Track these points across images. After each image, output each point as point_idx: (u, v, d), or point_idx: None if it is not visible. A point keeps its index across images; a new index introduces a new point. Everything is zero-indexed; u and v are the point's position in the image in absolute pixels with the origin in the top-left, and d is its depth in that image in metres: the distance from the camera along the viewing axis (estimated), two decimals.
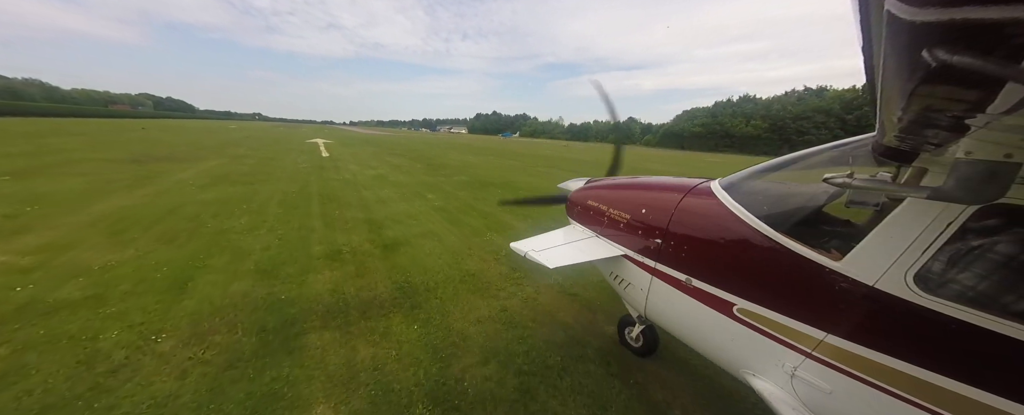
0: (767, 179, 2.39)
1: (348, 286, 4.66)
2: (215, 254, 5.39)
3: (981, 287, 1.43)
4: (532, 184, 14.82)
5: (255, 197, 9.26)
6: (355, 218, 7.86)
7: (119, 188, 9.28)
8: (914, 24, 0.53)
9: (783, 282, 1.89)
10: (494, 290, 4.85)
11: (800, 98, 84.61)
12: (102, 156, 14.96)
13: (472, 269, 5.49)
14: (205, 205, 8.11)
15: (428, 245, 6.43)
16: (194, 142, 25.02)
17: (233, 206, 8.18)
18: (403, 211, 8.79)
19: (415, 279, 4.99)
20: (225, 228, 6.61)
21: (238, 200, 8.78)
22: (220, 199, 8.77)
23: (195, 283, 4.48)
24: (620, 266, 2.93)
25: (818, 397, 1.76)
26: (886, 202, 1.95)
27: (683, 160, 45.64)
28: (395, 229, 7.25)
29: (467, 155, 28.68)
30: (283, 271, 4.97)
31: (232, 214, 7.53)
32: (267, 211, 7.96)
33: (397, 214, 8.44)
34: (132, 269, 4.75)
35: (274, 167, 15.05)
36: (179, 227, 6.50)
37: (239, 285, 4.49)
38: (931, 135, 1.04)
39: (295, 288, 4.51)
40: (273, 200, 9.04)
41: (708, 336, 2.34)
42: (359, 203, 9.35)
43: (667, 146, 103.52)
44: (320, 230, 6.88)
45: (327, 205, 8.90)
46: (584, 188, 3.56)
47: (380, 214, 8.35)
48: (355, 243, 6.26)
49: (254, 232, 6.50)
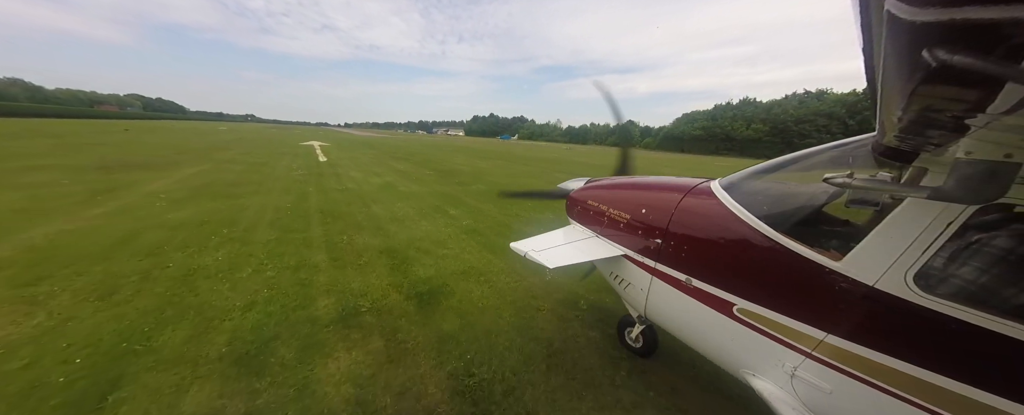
0: (767, 179, 2.36)
1: (379, 390, 2.87)
2: (169, 322, 3.56)
3: (981, 287, 1.41)
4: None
5: (240, 216, 7.41)
6: (369, 247, 6.06)
7: (67, 205, 7.38)
8: (914, 24, 0.53)
9: (783, 282, 1.87)
10: (605, 381, 3.10)
11: (801, 101, 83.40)
12: (66, 162, 12.98)
13: (551, 335, 3.73)
14: (173, 230, 6.25)
15: (475, 292, 4.66)
16: (178, 145, 22.93)
17: (210, 231, 6.34)
18: (427, 234, 7.00)
19: (480, 366, 3.21)
20: (193, 268, 4.78)
21: (218, 221, 6.93)
22: (195, 220, 6.92)
23: (122, 396, 2.66)
24: (620, 266, 2.90)
25: (818, 397, 1.73)
26: (886, 202, 1.90)
27: (695, 164, 44.29)
28: (424, 264, 5.47)
29: (474, 159, 26.89)
30: (273, 357, 3.15)
31: (206, 244, 5.69)
32: (254, 238, 6.13)
33: (420, 239, 6.65)
34: (19, 365, 2.90)
35: (265, 175, 13.15)
36: (127, 268, 4.65)
37: (196, 397, 2.68)
38: (931, 135, 1.04)
39: (292, 403, 2.70)
40: (263, 220, 7.21)
41: (708, 336, 2.30)
42: (371, 223, 7.55)
43: (667, 149, 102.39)
44: (325, 269, 5.07)
45: (331, 226, 7.09)
46: (584, 188, 3.50)
47: (400, 239, 6.56)
48: (376, 291, 4.47)
49: (234, 275, 4.68)
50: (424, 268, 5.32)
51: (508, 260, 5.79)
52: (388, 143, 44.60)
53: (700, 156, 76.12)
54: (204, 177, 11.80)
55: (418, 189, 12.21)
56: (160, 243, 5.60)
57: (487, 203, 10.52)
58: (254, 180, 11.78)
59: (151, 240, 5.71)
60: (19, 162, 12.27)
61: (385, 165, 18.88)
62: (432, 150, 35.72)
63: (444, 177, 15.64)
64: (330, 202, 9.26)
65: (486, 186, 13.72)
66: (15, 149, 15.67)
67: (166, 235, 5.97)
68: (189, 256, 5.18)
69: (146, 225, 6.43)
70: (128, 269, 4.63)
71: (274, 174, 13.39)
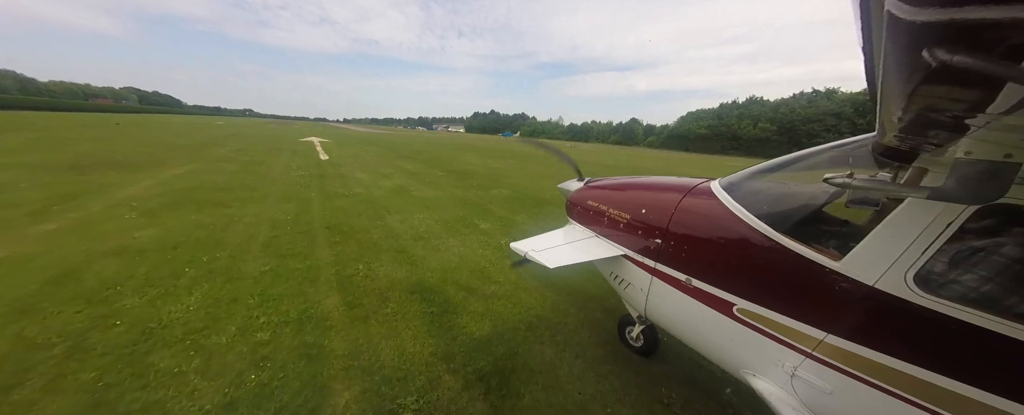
0: (767, 179, 2.34)
1: None
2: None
3: (981, 287, 1.40)
4: None
5: (227, 234, 5.92)
6: (395, 282, 4.60)
7: (11, 218, 5.88)
8: (914, 24, 0.52)
9: (783, 282, 1.85)
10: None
11: (810, 100, 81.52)
12: (37, 160, 11.45)
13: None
14: (136, 257, 4.77)
15: (562, 368, 3.21)
16: (168, 141, 21.30)
17: (186, 257, 4.86)
18: (463, 259, 5.54)
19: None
20: (150, 328, 3.31)
21: (197, 243, 5.45)
22: (168, 240, 5.43)
23: None
24: (620, 266, 2.86)
25: (818, 397, 1.72)
26: (886, 202, 1.89)
27: (709, 165, 42.87)
28: (474, 311, 4.01)
29: (486, 159, 25.33)
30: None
31: (177, 281, 4.22)
32: (242, 269, 4.66)
33: (456, 267, 5.19)
34: None
35: (261, 176, 11.64)
36: (51, 331, 3.18)
37: None
38: (931, 135, 1.03)
39: None
40: (255, 240, 5.72)
41: (708, 336, 2.27)
42: (390, 242, 6.08)
43: (671, 148, 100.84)
44: (340, 323, 3.61)
45: (342, 248, 5.62)
46: (584, 188, 3.46)
47: (432, 269, 5.09)
48: (418, 370, 3.02)
49: (209, 339, 3.21)
50: (475, 320, 3.86)
51: (585, 308, 4.33)
52: (390, 140, 42.91)
53: (708, 156, 74.60)
54: (191, 179, 10.28)
55: (435, 194, 10.73)
56: (113, 280, 4.12)
57: (519, 213, 9.06)
58: (248, 183, 10.27)
59: (102, 275, 4.23)
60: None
61: (392, 165, 17.36)
62: (437, 148, 34.16)
63: (459, 179, 14.15)
64: (337, 212, 7.77)
65: (508, 190, 12.25)
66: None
67: (125, 266, 4.49)
68: (149, 303, 3.71)
69: (103, 249, 4.94)
70: (53, 332, 3.16)
71: (271, 175, 11.88)
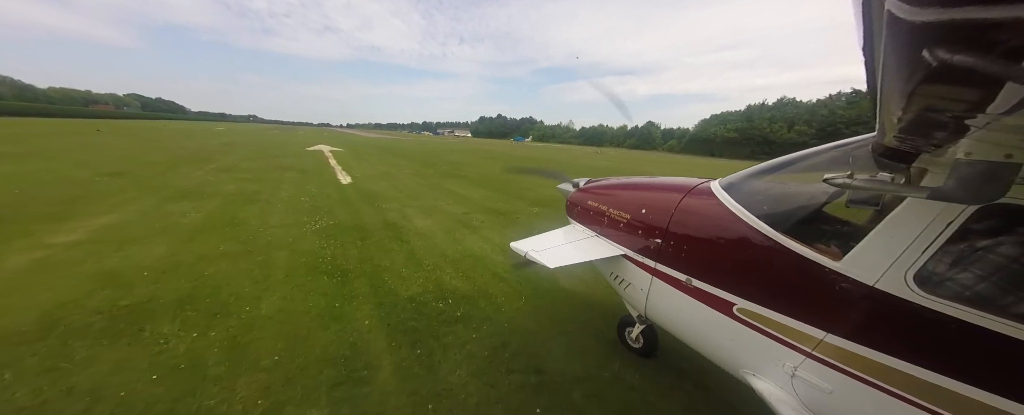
0: (767, 179, 2.34)
1: None
2: None
3: (981, 287, 1.39)
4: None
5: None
6: None
7: None
8: (914, 24, 0.52)
9: (783, 282, 1.85)
10: None
11: (850, 102, 76.41)
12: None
13: None
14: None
15: None
16: (136, 156, 16.29)
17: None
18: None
19: None
20: None
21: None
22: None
23: None
24: (620, 266, 2.86)
25: (818, 397, 1.72)
26: (886, 202, 1.89)
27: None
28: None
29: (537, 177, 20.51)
30: None
31: None
32: None
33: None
34: None
35: (253, 229, 6.89)
36: None
37: None
38: (931, 135, 1.02)
39: None
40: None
41: (708, 336, 2.29)
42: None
43: (694, 152, 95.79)
44: None
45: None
46: (584, 188, 3.47)
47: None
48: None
49: None
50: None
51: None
52: (408, 147, 38.00)
53: (741, 161, 69.58)
54: (144, 226, 5.50)
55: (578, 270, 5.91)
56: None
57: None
58: (222, 252, 5.47)
59: None
60: None
61: (442, 189, 12.47)
62: (459, 154, 29.48)
63: (559, 212, 9.36)
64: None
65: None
66: None
67: None
68: None
69: None
70: None
71: (269, 222, 7.11)
